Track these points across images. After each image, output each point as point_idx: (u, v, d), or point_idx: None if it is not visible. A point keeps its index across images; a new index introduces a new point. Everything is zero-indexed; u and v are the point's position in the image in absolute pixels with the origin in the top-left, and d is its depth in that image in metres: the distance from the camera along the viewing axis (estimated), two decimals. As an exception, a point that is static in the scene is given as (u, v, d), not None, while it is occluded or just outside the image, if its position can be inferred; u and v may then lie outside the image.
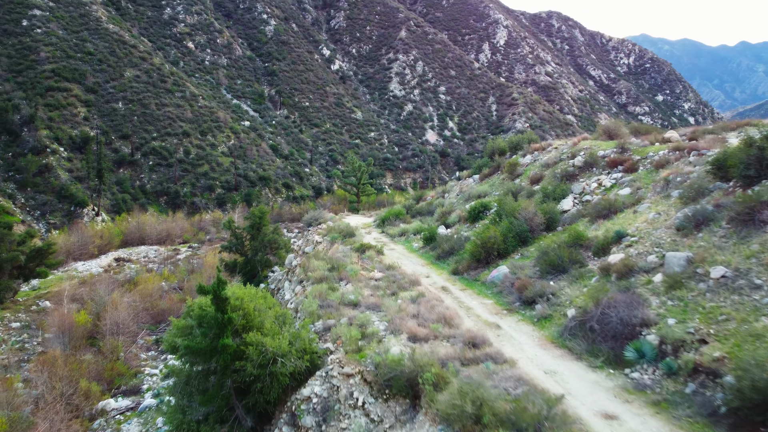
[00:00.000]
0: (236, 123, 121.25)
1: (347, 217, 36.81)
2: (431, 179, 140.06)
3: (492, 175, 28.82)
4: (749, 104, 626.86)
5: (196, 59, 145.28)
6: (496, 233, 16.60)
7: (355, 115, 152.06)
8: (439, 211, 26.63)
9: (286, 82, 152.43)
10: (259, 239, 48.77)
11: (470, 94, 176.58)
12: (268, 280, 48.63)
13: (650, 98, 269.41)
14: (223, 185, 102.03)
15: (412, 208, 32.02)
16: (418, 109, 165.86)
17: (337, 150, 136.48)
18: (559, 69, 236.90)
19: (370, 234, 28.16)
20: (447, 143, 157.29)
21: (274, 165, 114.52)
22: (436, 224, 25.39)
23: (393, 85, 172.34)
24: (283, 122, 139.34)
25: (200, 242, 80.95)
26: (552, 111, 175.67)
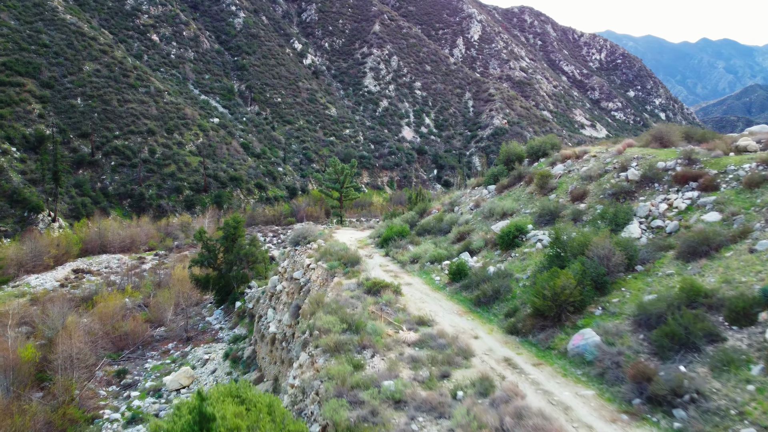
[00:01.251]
0: (205, 120, 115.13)
1: (337, 232, 32.26)
2: (409, 177, 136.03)
3: (513, 186, 24.64)
4: (711, 99, 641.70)
5: (161, 53, 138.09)
6: (570, 280, 12.37)
7: (330, 111, 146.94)
8: (455, 231, 22.35)
9: (257, 76, 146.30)
10: (234, 252, 43.94)
11: (446, 90, 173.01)
12: (245, 297, 43.92)
13: (622, 94, 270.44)
14: (191, 186, 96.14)
15: (416, 224, 27.65)
16: (394, 105, 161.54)
17: (312, 148, 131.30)
18: (533, 64, 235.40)
19: (371, 258, 23.76)
20: (424, 140, 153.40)
21: (246, 164, 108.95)
22: (456, 248, 21.09)
23: (367, 81, 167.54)
24: (254, 119, 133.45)
25: (167, 249, 75.36)
26: (529, 107, 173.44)
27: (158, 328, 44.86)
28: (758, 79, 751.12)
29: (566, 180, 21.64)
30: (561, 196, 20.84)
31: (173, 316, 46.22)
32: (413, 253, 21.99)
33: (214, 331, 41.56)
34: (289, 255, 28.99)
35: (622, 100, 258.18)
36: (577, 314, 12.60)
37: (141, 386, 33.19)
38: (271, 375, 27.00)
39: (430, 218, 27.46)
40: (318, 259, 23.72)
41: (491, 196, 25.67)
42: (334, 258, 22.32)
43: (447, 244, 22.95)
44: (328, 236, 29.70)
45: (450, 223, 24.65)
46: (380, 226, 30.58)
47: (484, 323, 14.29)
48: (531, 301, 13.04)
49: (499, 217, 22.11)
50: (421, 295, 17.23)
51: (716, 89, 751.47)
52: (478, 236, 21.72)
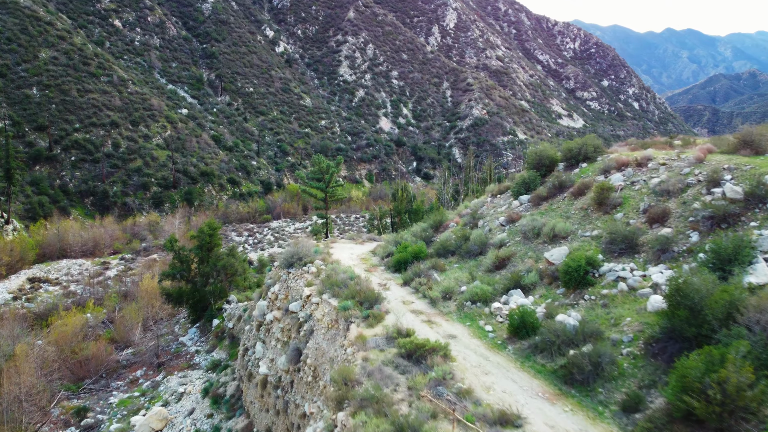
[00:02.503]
0: (172, 111, 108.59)
1: (334, 247, 27.73)
2: (387, 170, 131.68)
3: (553, 198, 20.55)
4: (676, 89, 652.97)
5: (125, 39, 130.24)
6: (746, 373, 8.24)
7: (304, 101, 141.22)
8: (492, 256, 18.15)
9: (227, 65, 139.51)
10: (210, 263, 39.05)
11: (424, 79, 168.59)
12: (223, 314, 39.15)
13: (597, 83, 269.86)
14: (159, 183, 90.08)
15: (432, 241, 23.35)
16: (371, 95, 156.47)
17: (286, 140, 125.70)
18: (509, 53, 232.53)
19: (388, 289, 19.43)
20: (402, 131, 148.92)
21: (218, 158, 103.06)
22: (499, 282, 16.88)
23: (343, 69, 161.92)
24: (225, 110, 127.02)
25: (134, 252, 69.80)
26: (507, 97, 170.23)
27: (125, 349, 39.82)
28: (720, 69, 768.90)
29: (633, 194, 17.54)
30: (630, 215, 16.74)
31: (141, 334, 41.21)
32: (445, 287, 17.64)
33: (189, 355, 36.69)
34: (280, 278, 24.39)
35: (597, 90, 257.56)
36: (752, 422, 8.45)
37: (105, 429, 28.30)
38: (263, 425, 22.51)
39: (449, 234, 23.14)
40: (321, 290, 19.24)
41: (526, 210, 21.46)
42: (342, 289, 17.93)
43: (482, 272, 18.68)
44: (326, 254, 25.19)
45: (479, 244, 20.36)
46: (387, 242, 26.17)
47: (594, 420, 10.04)
48: (677, 400, 8.80)
49: (549, 240, 17.90)
50: (478, 359, 12.92)
51: (680, 78, 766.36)
52: (525, 265, 17.49)
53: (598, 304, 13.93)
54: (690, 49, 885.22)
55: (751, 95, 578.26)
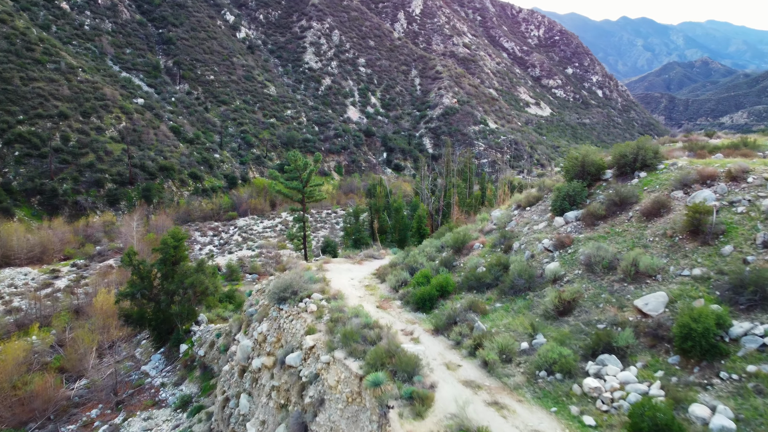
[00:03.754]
0: (127, 101, 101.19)
1: (328, 269, 23.22)
2: (357, 162, 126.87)
3: (613, 217, 16.52)
4: (632, 76, 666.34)
5: (73, 23, 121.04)
6: None
7: (268, 90, 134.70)
8: (553, 297, 14.05)
9: (186, 51, 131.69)
10: (175, 280, 33.98)
11: (392, 67, 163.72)
12: (192, 339, 34.24)
13: (561, 71, 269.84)
14: (114, 179, 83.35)
15: (455, 268, 19.16)
16: (338, 83, 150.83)
17: (251, 131, 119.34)
18: (476, 41, 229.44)
19: (417, 341, 15.09)
20: (371, 121, 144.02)
21: (178, 151, 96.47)
22: (575, 339, 12.76)
23: (308, 57, 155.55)
24: (184, 99, 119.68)
25: (88, 257, 63.71)
26: (477, 85, 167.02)
27: (77, 381, 34.49)
28: (674, 57, 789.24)
29: (738, 220, 13.62)
30: (744, 248, 12.81)
31: (96, 361, 35.97)
32: (500, 344, 13.42)
33: (153, 389, 31.68)
34: (268, 314, 19.81)
35: (562, 78, 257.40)
36: None
37: (51, 494, 23.31)
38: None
39: (477, 259, 18.95)
40: (330, 344, 14.81)
41: (577, 231, 17.42)
42: (361, 345, 13.69)
43: (540, 318, 14.56)
44: (323, 281, 20.73)
45: (527, 277, 16.17)
46: (395, 265, 21.84)
47: None
48: None
49: (629, 278, 13.89)
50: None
51: (636, 66, 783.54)
52: (604, 313, 13.47)
53: (748, 388, 9.91)
54: (644, 38, 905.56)
55: (704, 83, 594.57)
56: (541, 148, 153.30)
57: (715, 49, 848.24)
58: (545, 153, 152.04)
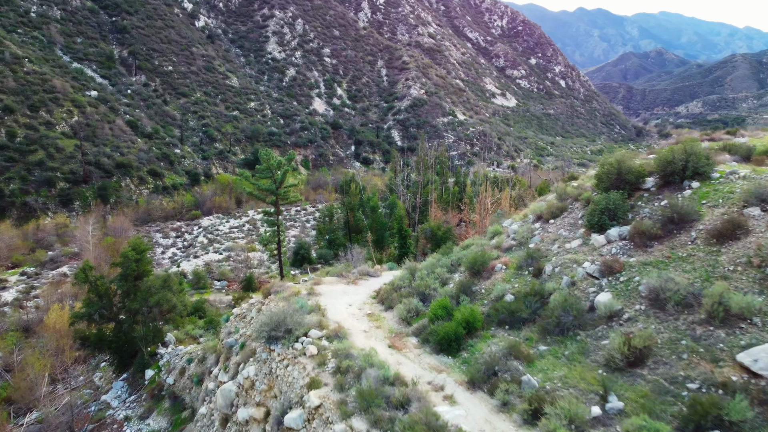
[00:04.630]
0: (79, 93, 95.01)
1: (320, 292, 20.12)
2: (325, 156, 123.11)
3: (670, 237, 13.94)
4: (590, 66, 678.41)
5: (18, 9, 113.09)
6: None
7: (230, 81, 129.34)
8: (619, 346, 11.29)
9: (142, 41, 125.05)
10: (138, 298, 30.27)
11: (357, 57, 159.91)
12: (159, 363, 30.64)
13: (525, 61, 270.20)
14: (67, 177, 77.83)
15: (475, 294, 16.42)
16: (302, 74, 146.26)
17: (213, 124, 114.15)
18: (441, 30, 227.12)
19: (451, 400, 12.24)
20: (338, 113, 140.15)
21: (135, 147, 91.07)
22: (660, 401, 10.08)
23: (271, 46, 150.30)
24: (141, 91, 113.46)
25: (39, 264, 58.83)
26: (444, 76, 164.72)
27: (27, 414, 30.50)
28: (629, 47, 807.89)
29: None
30: None
31: (49, 389, 32.04)
32: (566, 410, 10.66)
33: (116, 424, 28.02)
34: (257, 355, 16.65)
35: (526, 68, 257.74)
36: None
37: None
38: None
39: (504, 286, 16.19)
40: (345, 408, 11.90)
41: (625, 252, 14.86)
42: (385, 411, 10.96)
43: (603, 369, 11.95)
44: (318, 311, 17.68)
45: (574, 312, 13.47)
46: (402, 289, 18.92)
47: None
48: None
49: (717, 320, 11.37)
50: None
51: (592, 56, 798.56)
52: (691, 367, 10.85)
53: None
54: (600, 28, 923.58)
55: (659, 73, 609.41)
56: (509, 140, 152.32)
57: (668, 40, 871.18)
58: (513, 144, 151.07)
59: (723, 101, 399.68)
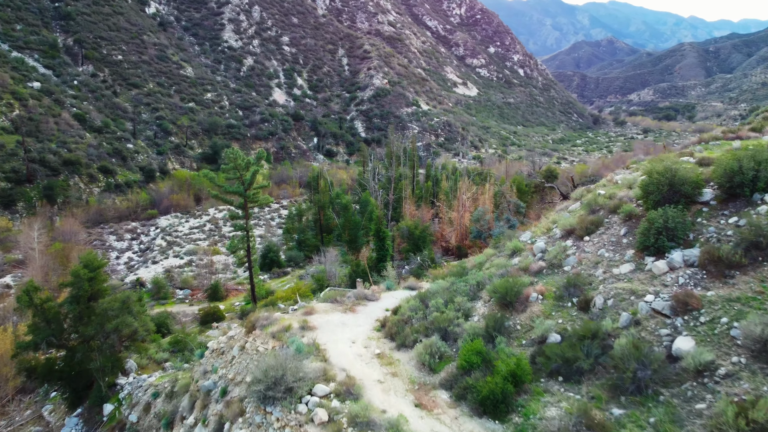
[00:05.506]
0: (20, 85, 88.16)
1: (315, 325, 17.10)
2: (287, 148, 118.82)
3: (756, 267, 11.44)
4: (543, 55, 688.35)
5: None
6: None
7: (185, 71, 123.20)
8: (731, 417, 8.50)
9: (88, 28, 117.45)
10: (93, 323, 26.58)
11: (317, 46, 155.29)
12: (120, 395, 27.03)
13: (484, 50, 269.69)
14: (8, 177, 71.90)
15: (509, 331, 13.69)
16: (260, 64, 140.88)
17: (167, 117, 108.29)
18: (401, 19, 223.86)
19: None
20: (299, 104, 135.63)
21: (84, 142, 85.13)
22: None
23: (227, 34, 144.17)
24: (89, 82, 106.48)
25: (-22, 276, 53.59)
26: (406, 65, 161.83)
27: (-37, 460, 26.56)
28: (580, 36, 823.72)
29: None
30: None
31: (-9, 427, 28.13)
32: None
33: (70, 471, 24.41)
34: (248, 417, 13.55)
35: (485, 57, 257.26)
36: None
37: None
38: None
39: (547, 324, 13.52)
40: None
41: (697, 284, 12.40)
42: None
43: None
44: (317, 350, 14.68)
45: (653, 365, 10.88)
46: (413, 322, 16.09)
47: None
48: None
49: None
50: None
51: (546, 45, 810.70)
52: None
53: None
54: (553, 17, 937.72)
55: (611, 61, 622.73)
56: (473, 130, 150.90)
57: (618, 29, 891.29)
58: (477, 134, 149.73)
59: (673, 89, 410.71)
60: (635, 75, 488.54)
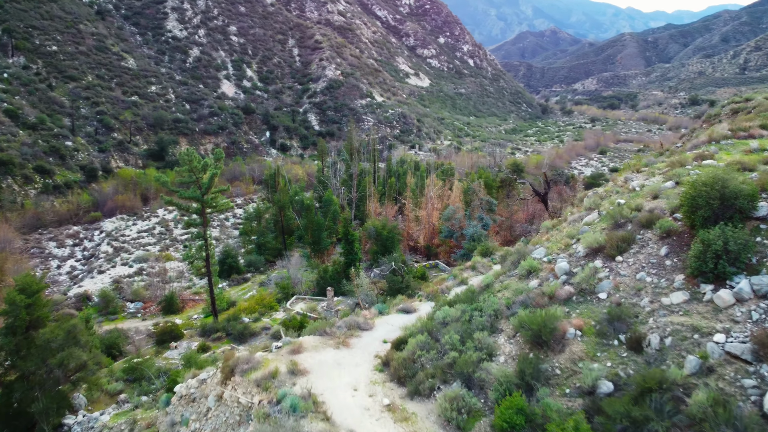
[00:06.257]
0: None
1: (308, 369, 14.54)
2: (238, 143, 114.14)
3: None
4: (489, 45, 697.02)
5: None
6: None
7: (127, 62, 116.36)
8: None
9: (18, 16, 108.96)
10: (34, 357, 23.21)
11: (267, 36, 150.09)
12: (68, 437, 23.74)
13: (434, 40, 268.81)
14: (-69, 180, 65.44)
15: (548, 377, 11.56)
16: (208, 55, 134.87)
17: (109, 111, 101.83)
18: (350, 8, 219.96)
19: None
20: (249, 97, 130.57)
21: (17, 140, 78.65)
22: None
23: (170, 24, 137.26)
24: (20, 75, 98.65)
25: None
26: (359, 56, 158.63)
27: None
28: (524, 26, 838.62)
29: None
30: None
31: None
32: None
33: None
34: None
35: (436, 47, 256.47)
36: None
37: None
38: None
39: (595, 370, 11.49)
40: None
41: (773, 320, 10.51)
42: None
43: None
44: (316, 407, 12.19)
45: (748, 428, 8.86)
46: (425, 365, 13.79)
47: None
48: None
49: None
50: None
51: (491, 35, 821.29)
52: None
53: None
54: (497, 7, 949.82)
55: (555, 51, 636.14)
56: (428, 121, 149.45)
57: (560, 19, 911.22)
58: (432, 126, 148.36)
59: (615, 78, 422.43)
60: (579, 65, 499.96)
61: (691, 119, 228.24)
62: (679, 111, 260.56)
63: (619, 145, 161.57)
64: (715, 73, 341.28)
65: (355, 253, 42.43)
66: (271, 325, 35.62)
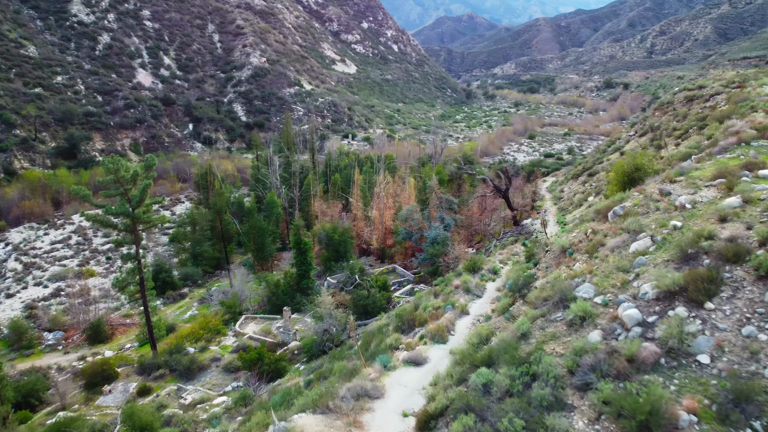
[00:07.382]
0: None
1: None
2: (159, 137, 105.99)
3: None
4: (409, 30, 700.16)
5: None
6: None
7: (27, 50, 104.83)
8: None
9: None
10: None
11: (184, 21, 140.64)
12: None
13: (358, 25, 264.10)
14: None
15: None
16: (119, 41, 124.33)
17: (9, 106, 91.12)
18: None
19: None
20: (168, 86, 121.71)
21: None
22: None
23: (75, 7, 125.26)
24: None
25: None
26: (284, 42, 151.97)
27: None
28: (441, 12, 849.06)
29: None
30: None
31: None
32: None
33: None
34: None
35: (360, 33, 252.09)
36: None
37: None
38: None
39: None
40: None
41: None
42: None
43: None
44: None
45: None
46: None
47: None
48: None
49: None
50: None
51: (409, 20, 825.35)
52: None
53: None
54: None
55: (473, 36, 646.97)
56: (359, 109, 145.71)
57: (475, 4, 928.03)
58: (363, 114, 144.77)
59: (533, 62, 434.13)
60: (497, 49, 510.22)
61: (607, 102, 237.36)
62: (595, 94, 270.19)
63: (545, 129, 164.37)
64: (625, 56, 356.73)
65: (308, 264, 38.62)
66: (221, 355, 31.36)
